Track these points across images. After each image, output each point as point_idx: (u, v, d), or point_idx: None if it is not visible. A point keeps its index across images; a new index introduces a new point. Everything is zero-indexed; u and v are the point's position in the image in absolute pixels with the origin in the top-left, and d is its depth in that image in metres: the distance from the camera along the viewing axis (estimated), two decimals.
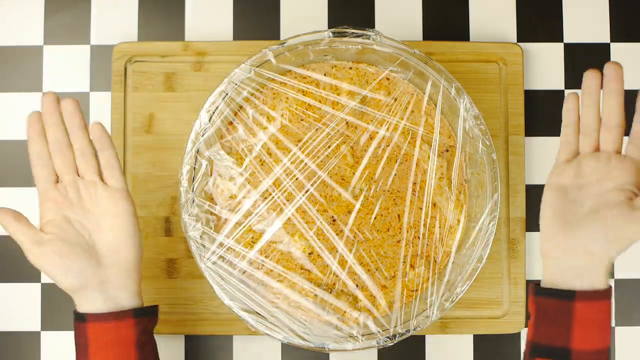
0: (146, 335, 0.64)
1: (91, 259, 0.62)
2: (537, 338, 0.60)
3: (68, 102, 0.63)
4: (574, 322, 0.57)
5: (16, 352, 0.80)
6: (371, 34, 0.71)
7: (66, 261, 0.61)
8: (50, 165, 0.63)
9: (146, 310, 0.64)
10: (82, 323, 0.61)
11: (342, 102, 0.74)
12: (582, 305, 0.57)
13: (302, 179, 0.74)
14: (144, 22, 0.83)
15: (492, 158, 0.71)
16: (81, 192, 0.63)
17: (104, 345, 0.61)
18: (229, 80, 0.72)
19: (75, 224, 0.63)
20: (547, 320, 0.59)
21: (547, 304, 0.59)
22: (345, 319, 0.73)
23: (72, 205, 0.63)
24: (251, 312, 0.70)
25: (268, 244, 0.74)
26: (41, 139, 0.63)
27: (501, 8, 0.84)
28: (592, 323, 0.58)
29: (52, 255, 0.61)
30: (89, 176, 0.64)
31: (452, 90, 0.71)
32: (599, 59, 0.83)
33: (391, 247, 0.74)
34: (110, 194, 0.64)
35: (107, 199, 0.63)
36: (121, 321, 0.62)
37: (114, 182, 0.64)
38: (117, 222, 0.63)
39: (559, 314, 0.58)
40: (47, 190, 0.63)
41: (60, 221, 0.62)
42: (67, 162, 0.63)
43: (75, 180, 0.63)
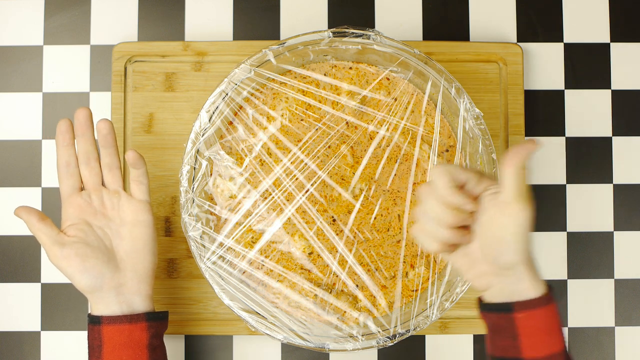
0: (157, 339, 0.66)
1: (110, 263, 0.65)
2: (492, 351, 0.61)
3: (103, 125, 0.66)
4: (519, 332, 0.58)
5: (16, 352, 0.80)
6: (371, 34, 0.71)
7: (86, 263, 0.63)
8: (77, 174, 0.66)
9: (158, 315, 0.66)
10: (97, 325, 0.64)
11: (342, 102, 0.74)
12: (522, 316, 0.58)
13: (302, 179, 0.74)
14: (144, 22, 0.83)
15: (492, 158, 0.71)
16: (104, 201, 0.66)
17: (117, 347, 0.63)
18: (229, 80, 0.72)
19: (97, 229, 0.66)
20: (496, 333, 0.60)
21: (492, 318, 0.60)
22: (345, 319, 0.73)
23: (95, 212, 0.66)
24: (251, 312, 0.70)
25: (268, 244, 0.74)
26: (70, 149, 0.66)
27: (501, 8, 0.84)
28: (537, 331, 0.58)
29: (74, 256, 0.63)
30: (113, 187, 0.67)
31: (452, 90, 0.71)
32: (599, 59, 0.83)
33: (391, 247, 0.74)
34: (133, 205, 0.67)
35: (129, 209, 0.66)
36: (135, 324, 0.64)
37: (139, 195, 0.67)
38: (137, 231, 0.66)
39: (504, 327, 0.59)
40: (71, 196, 0.66)
41: (82, 225, 0.65)
42: (94, 172, 0.66)
43: (100, 189, 0.67)
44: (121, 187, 0.67)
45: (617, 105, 0.83)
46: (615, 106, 0.83)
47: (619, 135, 0.83)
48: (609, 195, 0.82)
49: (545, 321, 0.58)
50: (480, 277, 0.60)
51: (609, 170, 0.82)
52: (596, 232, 0.82)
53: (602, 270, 0.82)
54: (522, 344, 0.58)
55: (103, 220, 0.66)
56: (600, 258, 0.82)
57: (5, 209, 0.81)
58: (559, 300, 0.81)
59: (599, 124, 0.83)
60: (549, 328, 0.59)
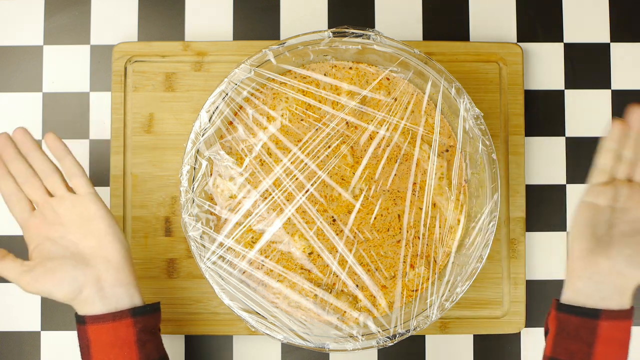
0: (147, 334, 0.64)
1: (79, 264, 0.64)
2: (556, 354, 0.61)
3: (16, 132, 0.66)
4: (598, 340, 0.59)
5: (16, 352, 0.80)
6: (371, 34, 0.71)
7: (56, 275, 0.63)
8: (23, 198, 0.66)
9: (145, 308, 0.65)
10: (83, 325, 0.63)
11: (342, 102, 0.74)
12: (607, 324, 0.59)
13: (302, 179, 0.74)
14: (144, 22, 0.83)
15: (492, 158, 0.71)
16: (56, 210, 0.66)
17: (104, 345, 0.62)
18: (229, 80, 0.72)
19: (60, 240, 0.65)
20: (568, 337, 0.61)
21: (570, 321, 0.61)
22: (345, 319, 0.73)
23: (52, 226, 0.66)
24: (251, 312, 0.70)
25: (268, 244, 0.74)
26: (8, 178, 0.66)
27: (501, 8, 0.84)
28: (614, 341, 0.60)
29: (43, 275, 0.63)
30: (58, 193, 0.66)
31: (452, 90, 0.71)
32: (599, 59, 0.83)
33: (391, 247, 0.74)
34: (80, 202, 0.66)
35: (77, 208, 0.66)
36: (119, 321, 0.63)
37: (80, 189, 0.66)
38: (93, 225, 0.65)
39: (582, 331, 0.60)
40: (26, 221, 0.66)
41: (45, 244, 0.65)
42: (37, 187, 0.66)
43: (47, 201, 0.66)
44: (64, 190, 0.66)
45: (617, 105, 0.83)
46: (615, 106, 0.83)
47: None
48: None
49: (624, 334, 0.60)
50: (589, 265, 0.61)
51: None
52: None
53: None
54: (596, 352, 0.59)
55: (62, 230, 0.65)
56: None
57: (5, 209, 0.81)
58: None
59: (599, 124, 0.83)
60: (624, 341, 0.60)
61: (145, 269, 0.79)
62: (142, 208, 0.79)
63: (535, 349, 0.81)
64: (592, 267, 0.61)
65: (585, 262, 0.62)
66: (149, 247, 0.79)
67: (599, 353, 0.59)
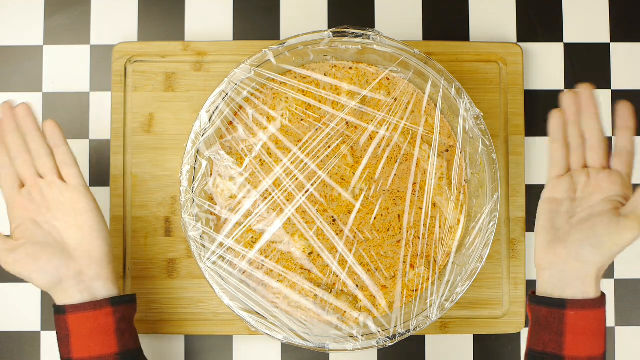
0: (125, 323, 0.65)
1: (62, 255, 0.64)
2: (532, 345, 0.62)
3: (20, 107, 0.66)
4: (566, 329, 0.60)
5: (16, 352, 0.80)
6: (371, 34, 0.71)
7: (39, 262, 0.63)
8: (12, 172, 0.66)
9: (124, 298, 0.66)
10: (62, 315, 0.63)
11: (342, 102, 0.74)
12: (573, 314, 0.60)
13: (302, 179, 0.74)
14: (144, 22, 0.83)
15: (492, 158, 0.71)
16: (44, 194, 0.66)
17: (84, 334, 0.63)
18: (229, 80, 0.72)
19: (44, 225, 0.65)
20: (541, 328, 0.61)
21: (541, 312, 0.62)
22: (345, 319, 0.73)
23: (39, 208, 0.65)
24: (251, 312, 0.70)
25: (268, 244, 0.74)
26: (2, 148, 0.66)
27: (501, 8, 0.84)
28: (584, 330, 0.60)
29: (25, 258, 0.63)
30: (49, 177, 0.66)
31: (452, 90, 0.71)
32: (599, 59, 0.83)
33: (391, 247, 0.74)
34: (69, 192, 0.66)
35: (67, 198, 0.66)
36: (99, 310, 0.63)
37: (71, 179, 0.66)
38: (80, 218, 0.66)
39: (552, 322, 0.60)
40: (12, 197, 0.66)
41: (29, 225, 0.65)
42: (27, 165, 0.66)
43: (37, 182, 0.66)
44: (55, 175, 0.66)
45: None
46: (615, 106, 0.83)
47: None
48: None
49: (594, 323, 0.60)
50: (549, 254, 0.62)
51: None
52: None
53: None
54: (566, 342, 0.59)
55: (48, 214, 0.65)
56: None
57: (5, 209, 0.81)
58: None
59: None
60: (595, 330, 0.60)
61: (145, 269, 0.79)
62: (142, 208, 0.79)
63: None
64: (552, 257, 0.62)
65: (546, 253, 0.63)
66: (149, 247, 0.79)
67: (569, 343, 0.59)
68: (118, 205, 0.79)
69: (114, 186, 0.79)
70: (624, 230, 0.59)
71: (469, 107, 0.71)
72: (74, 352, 0.63)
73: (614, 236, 0.59)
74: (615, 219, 0.60)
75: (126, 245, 0.79)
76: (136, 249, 0.79)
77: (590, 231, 0.60)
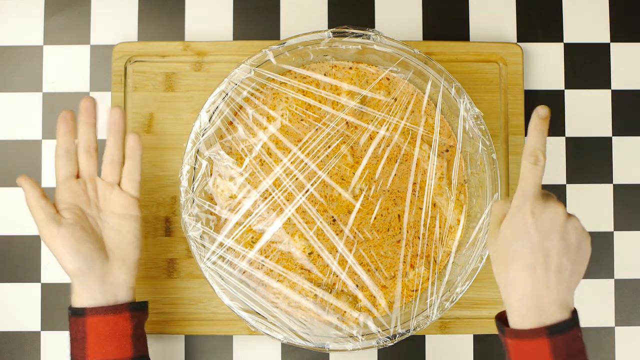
0: (140, 329, 0.66)
1: (101, 251, 0.65)
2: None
3: (115, 111, 0.69)
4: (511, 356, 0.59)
5: (16, 352, 0.80)
6: (371, 34, 0.71)
7: (80, 246, 0.64)
8: (74, 161, 0.67)
9: (140, 305, 0.67)
10: (81, 317, 0.64)
11: (342, 102, 0.74)
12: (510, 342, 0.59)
13: (302, 179, 0.74)
14: (144, 22, 0.83)
15: (492, 158, 0.71)
16: (98, 192, 0.68)
17: (102, 338, 0.63)
18: (229, 80, 0.72)
19: (89, 218, 0.67)
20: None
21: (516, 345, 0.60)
22: (345, 319, 0.73)
23: (89, 201, 0.67)
24: (251, 312, 0.70)
25: (268, 244, 0.74)
26: (71, 137, 0.67)
27: (501, 8, 0.84)
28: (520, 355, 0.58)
29: (69, 237, 0.64)
30: (110, 179, 0.68)
31: (452, 90, 0.71)
32: (599, 59, 0.83)
33: (391, 247, 0.74)
34: (124, 199, 0.68)
35: (119, 203, 0.68)
36: (120, 314, 0.64)
37: (131, 190, 0.68)
38: (125, 224, 0.67)
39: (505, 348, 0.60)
40: (67, 181, 0.67)
41: (78, 211, 0.66)
42: (92, 162, 0.68)
43: (95, 179, 0.68)
44: (117, 181, 0.68)
45: (617, 105, 0.83)
46: (615, 106, 0.83)
47: (619, 135, 0.83)
48: (609, 195, 0.82)
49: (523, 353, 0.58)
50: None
51: (609, 170, 0.82)
52: (596, 232, 0.82)
53: (602, 270, 0.82)
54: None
55: (95, 210, 0.67)
56: (600, 258, 0.82)
57: (6, 209, 0.81)
58: None
59: (599, 124, 0.83)
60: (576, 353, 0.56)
61: (145, 269, 0.79)
62: (142, 208, 0.79)
63: None
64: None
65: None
66: (149, 247, 0.79)
67: None
68: None
69: None
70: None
71: (469, 107, 0.71)
72: (90, 355, 0.63)
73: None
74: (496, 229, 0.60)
75: None
76: None
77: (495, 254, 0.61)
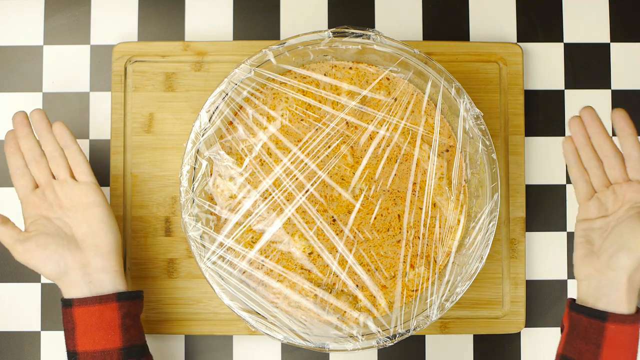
0: (131, 319, 0.67)
1: (70, 245, 0.67)
2: (567, 351, 0.64)
3: (34, 112, 0.71)
4: (604, 342, 0.61)
5: (16, 352, 0.80)
6: (371, 34, 0.71)
7: (46, 251, 0.66)
8: (27, 174, 0.70)
9: (130, 294, 0.67)
10: (69, 308, 0.65)
11: (342, 102, 0.74)
12: (614, 327, 0.61)
13: (302, 179, 0.74)
14: (144, 22, 0.83)
15: (492, 158, 0.71)
16: (57, 193, 0.69)
17: (89, 328, 0.65)
18: (229, 80, 0.72)
19: (56, 221, 0.69)
20: (578, 336, 0.63)
21: (580, 321, 0.63)
22: (345, 319, 0.73)
23: (51, 206, 0.69)
24: (251, 312, 0.70)
25: (268, 244, 0.74)
26: (18, 154, 0.70)
27: (501, 8, 0.84)
28: (621, 345, 0.61)
29: (35, 248, 0.66)
30: (61, 176, 0.70)
31: (452, 90, 0.71)
32: (599, 59, 0.83)
33: (391, 247, 0.74)
34: (80, 188, 0.69)
35: (77, 194, 0.69)
36: (105, 304, 0.65)
37: (83, 177, 0.70)
38: (89, 212, 0.69)
39: (590, 332, 0.62)
40: (27, 197, 0.70)
41: (41, 220, 0.68)
42: (42, 167, 0.70)
43: (50, 182, 0.70)
44: (67, 175, 0.70)
45: (617, 105, 0.83)
46: (615, 106, 0.83)
47: None
48: None
49: (631, 338, 0.61)
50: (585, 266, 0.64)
51: None
52: None
53: None
54: (602, 353, 0.61)
55: (59, 212, 0.69)
56: None
57: (5, 209, 0.81)
58: (560, 300, 0.81)
59: None
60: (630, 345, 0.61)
61: (145, 269, 0.79)
62: (142, 208, 0.79)
63: (535, 349, 0.81)
64: (587, 269, 0.64)
65: (582, 266, 0.65)
66: (149, 247, 0.79)
67: (606, 355, 0.61)
68: (118, 205, 0.79)
69: (114, 186, 0.79)
70: None
71: (469, 107, 0.71)
72: (79, 345, 0.65)
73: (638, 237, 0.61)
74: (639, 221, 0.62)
75: (126, 245, 0.79)
76: (136, 249, 0.79)
77: (617, 237, 0.62)
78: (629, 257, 0.61)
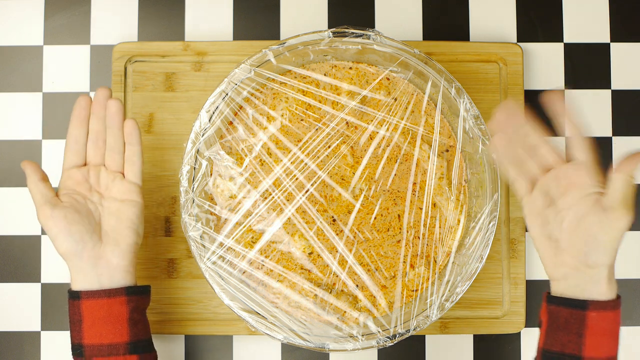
0: (138, 314, 0.66)
1: (94, 234, 0.66)
2: (548, 345, 0.62)
3: (113, 102, 0.68)
4: (587, 330, 0.60)
5: (16, 352, 0.80)
6: (371, 34, 0.71)
7: (71, 227, 0.65)
8: (82, 151, 0.69)
9: (139, 289, 0.67)
10: (77, 300, 0.65)
11: (342, 102, 0.74)
12: (595, 315, 0.60)
13: (302, 179, 0.74)
14: (144, 22, 0.83)
15: (492, 158, 0.71)
16: (101, 179, 0.69)
17: (97, 321, 0.64)
18: (229, 80, 0.72)
19: (89, 203, 0.68)
20: (559, 329, 0.61)
21: (560, 313, 0.62)
22: (345, 319, 0.73)
23: (90, 188, 0.68)
24: (251, 312, 0.70)
25: (268, 244, 0.74)
26: (83, 126, 0.69)
27: (501, 8, 0.84)
28: (603, 332, 0.60)
29: (61, 219, 0.65)
30: (113, 167, 0.69)
31: (452, 90, 0.71)
32: (599, 59, 0.83)
33: (391, 247, 0.74)
34: (125, 186, 0.68)
35: (120, 190, 0.68)
36: (114, 298, 0.65)
37: (132, 177, 0.69)
38: (124, 209, 0.68)
39: (572, 323, 0.61)
40: (71, 170, 0.68)
41: (77, 196, 0.67)
42: (99, 152, 0.69)
43: (99, 168, 0.69)
44: (119, 170, 0.69)
45: (617, 105, 0.83)
46: (615, 106, 0.83)
47: (619, 135, 0.83)
48: None
49: (612, 324, 0.60)
50: (559, 266, 0.62)
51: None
52: None
53: None
54: (586, 343, 0.60)
55: (96, 196, 0.68)
56: None
57: (5, 209, 0.81)
58: None
59: (599, 124, 0.83)
60: (612, 331, 0.61)
61: (145, 269, 0.79)
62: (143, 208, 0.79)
63: (535, 348, 0.81)
64: (562, 269, 0.62)
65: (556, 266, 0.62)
66: (149, 247, 0.79)
67: (589, 343, 0.60)
68: None
69: None
70: (615, 222, 0.59)
71: (469, 107, 0.71)
72: (86, 337, 0.64)
73: (609, 231, 0.59)
74: (604, 215, 0.59)
75: None
76: None
77: (587, 236, 0.60)
78: (606, 253, 0.60)
